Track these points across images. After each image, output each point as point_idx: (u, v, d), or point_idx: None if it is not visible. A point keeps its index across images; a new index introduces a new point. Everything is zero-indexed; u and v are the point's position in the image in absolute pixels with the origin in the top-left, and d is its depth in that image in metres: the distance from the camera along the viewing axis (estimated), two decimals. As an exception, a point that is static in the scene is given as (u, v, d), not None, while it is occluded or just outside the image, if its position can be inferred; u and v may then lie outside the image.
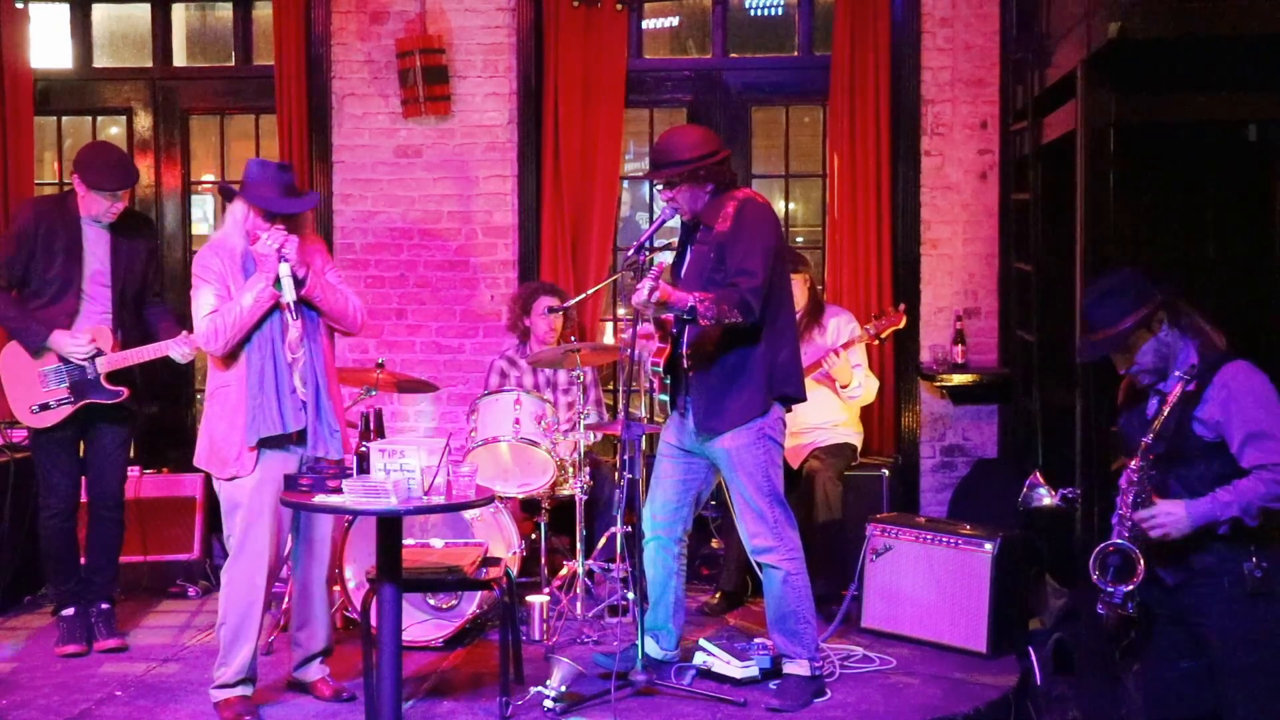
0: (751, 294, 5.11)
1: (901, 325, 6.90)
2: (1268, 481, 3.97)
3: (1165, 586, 4.14)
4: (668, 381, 5.38)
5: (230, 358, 5.14)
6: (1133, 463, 4.11)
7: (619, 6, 7.55)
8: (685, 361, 5.29)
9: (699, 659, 5.58)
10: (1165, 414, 4.04)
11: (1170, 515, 4.03)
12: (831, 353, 6.64)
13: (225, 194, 5.23)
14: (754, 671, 5.49)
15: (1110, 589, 4.11)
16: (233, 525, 5.18)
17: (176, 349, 5.86)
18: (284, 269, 5.04)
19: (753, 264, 5.14)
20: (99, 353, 5.89)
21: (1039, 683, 5.41)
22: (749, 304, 5.11)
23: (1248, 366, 4.09)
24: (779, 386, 5.32)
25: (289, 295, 5.04)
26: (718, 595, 6.71)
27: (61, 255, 5.92)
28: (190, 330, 5.52)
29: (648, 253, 5.39)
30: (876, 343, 6.98)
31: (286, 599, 5.75)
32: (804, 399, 5.48)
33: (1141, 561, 4.07)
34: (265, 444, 5.13)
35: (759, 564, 5.43)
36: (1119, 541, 4.11)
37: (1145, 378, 4.18)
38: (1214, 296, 6.31)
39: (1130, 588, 4.09)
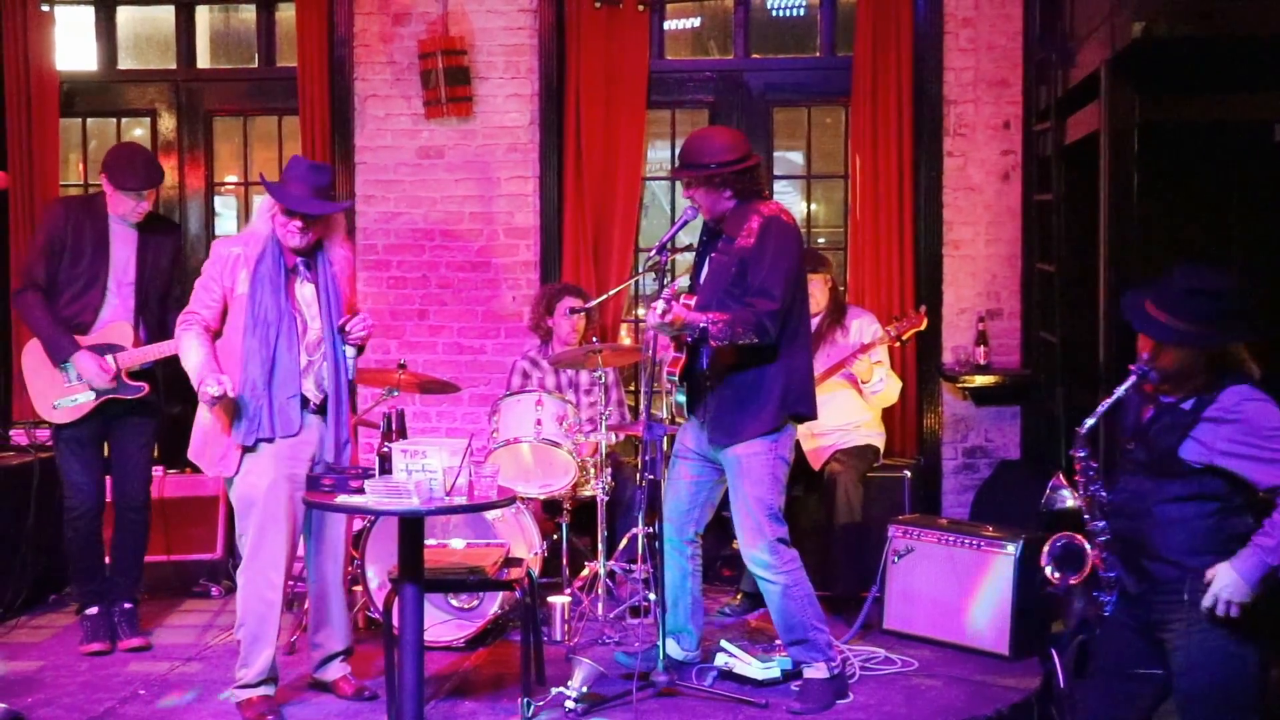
0: (769, 317, 5.14)
1: (923, 327, 6.87)
2: None
3: (1128, 594, 4.06)
4: (683, 387, 5.40)
5: (229, 357, 5.17)
6: (1079, 453, 4.05)
7: (640, 7, 7.56)
8: (706, 378, 5.32)
9: (720, 660, 5.58)
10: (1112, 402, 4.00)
11: (1227, 585, 3.82)
12: (854, 355, 6.63)
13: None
14: (775, 673, 5.49)
15: (1057, 575, 4.08)
16: (246, 526, 5.19)
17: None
18: (350, 351, 5.23)
19: (773, 287, 5.16)
20: (119, 349, 5.94)
21: (1061, 685, 5.38)
22: (766, 327, 5.14)
23: (1254, 389, 3.92)
24: (792, 404, 5.34)
25: (351, 374, 5.26)
26: (739, 596, 6.71)
27: (89, 252, 5.98)
28: None
29: (669, 253, 5.42)
30: (898, 344, 6.97)
31: (309, 598, 5.76)
32: (815, 418, 5.51)
33: (1089, 553, 4.03)
34: (273, 443, 5.15)
35: (756, 576, 5.44)
36: (1069, 537, 4.08)
37: (1154, 376, 3.97)
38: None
39: (1076, 580, 4.06)
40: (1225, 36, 5.36)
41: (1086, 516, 4.10)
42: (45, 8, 7.80)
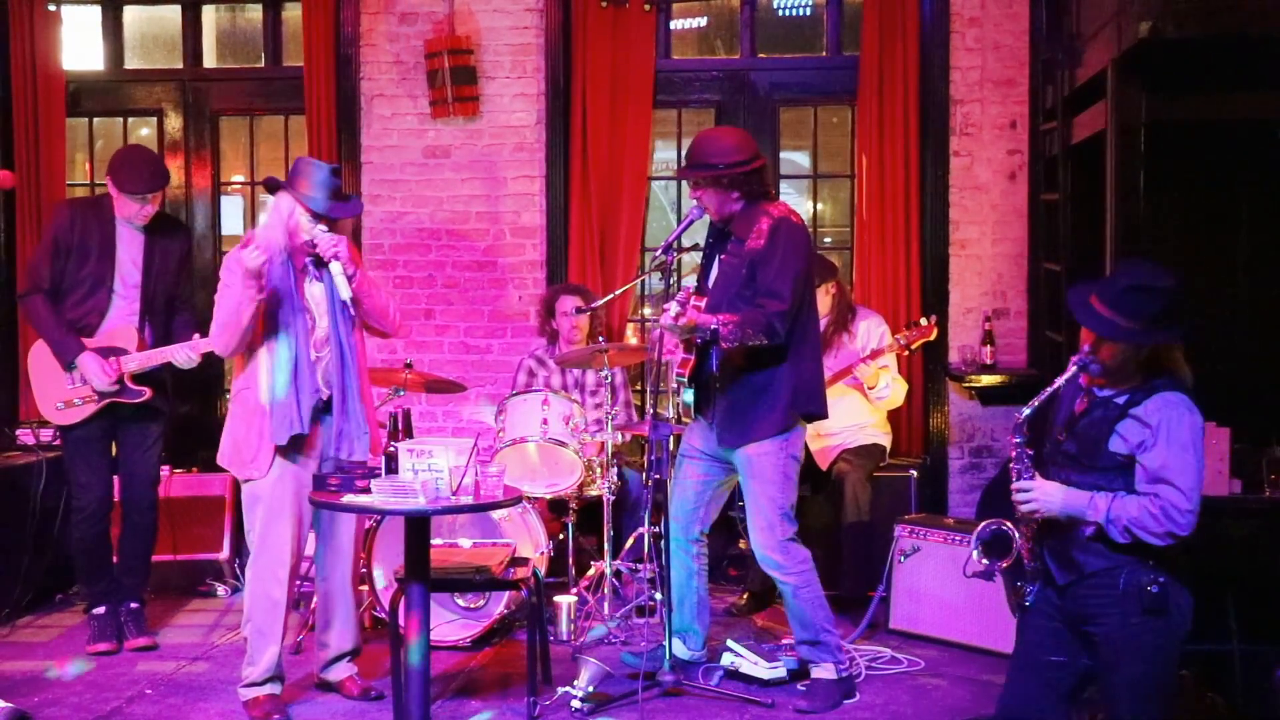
0: (778, 318, 5.16)
1: (933, 337, 6.82)
2: (1143, 509, 3.83)
3: (1055, 585, 4.05)
4: (691, 387, 5.41)
5: (251, 359, 5.17)
6: (1015, 439, 4.05)
7: (647, 7, 7.56)
8: (716, 380, 5.33)
9: (726, 659, 5.59)
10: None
11: (1046, 495, 3.94)
12: (861, 362, 6.63)
13: (271, 187, 5.25)
14: (782, 672, 5.49)
15: (986, 562, 4.08)
16: (253, 522, 5.21)
17: (181, 353, 5.89)
18: (335, 267, 5.14)
19: (782, 288, 5.19)
20: (122, 352, 5.94)
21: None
22: (775, 328, 5.17)
23: (1185, 400, 3.92)
24: (803, 404, 5.35)
25: (344, 293, 5.14)
26: (745, 596, 6.71)
27: (95, 254, 5.99)
28: (204, 335, 5.59)
29: (675, 253, 5.42)
30: (906, 353, 6.96)
31: (316, 598, 5.77)
32: (825, 416, 5.53)
33: (1017, 540, 4.04)
34: (287, 442, 5.16)
35: (770, 575, 5.46)
36: (999, 523, 4.08)
37: (1094, 369, 3.98)
38: (1246, 297, 6.27)
39: (1005, 564, 4.06)
40: (1232, 36, 5.34)
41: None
42: (52, 7, 7.81)
